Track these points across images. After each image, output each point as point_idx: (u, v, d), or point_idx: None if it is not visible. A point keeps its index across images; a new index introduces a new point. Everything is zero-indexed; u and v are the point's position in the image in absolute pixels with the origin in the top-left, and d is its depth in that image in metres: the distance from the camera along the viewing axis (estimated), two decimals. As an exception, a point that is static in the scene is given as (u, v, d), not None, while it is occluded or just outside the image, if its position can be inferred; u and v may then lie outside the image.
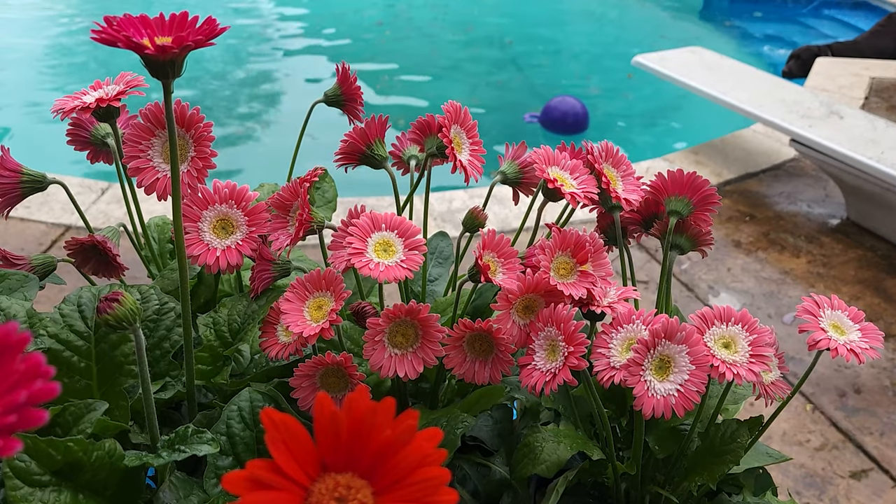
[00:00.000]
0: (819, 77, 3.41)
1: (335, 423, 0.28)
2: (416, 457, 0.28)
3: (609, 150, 0.62)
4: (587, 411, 0.61)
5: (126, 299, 0.45)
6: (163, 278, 0.65)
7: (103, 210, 2.22)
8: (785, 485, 1.45)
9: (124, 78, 0.61)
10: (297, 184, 0.58)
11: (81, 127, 0.67)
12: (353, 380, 0.55)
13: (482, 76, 4.08)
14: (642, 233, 0.65)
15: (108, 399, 0.53)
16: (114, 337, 0.56)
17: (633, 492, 0.61)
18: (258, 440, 0.53)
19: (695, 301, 1.99)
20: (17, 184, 0.63)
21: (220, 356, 0.61)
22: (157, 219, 0.76)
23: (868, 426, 1.62)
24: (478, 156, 0.62)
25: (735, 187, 2.57)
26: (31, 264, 0.64)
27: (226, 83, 3.86)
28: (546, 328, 0.53)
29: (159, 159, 0.55)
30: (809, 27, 4.90)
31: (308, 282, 0.55)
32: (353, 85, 0.68)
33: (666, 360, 0.50)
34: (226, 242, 0.57)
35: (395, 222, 0.54)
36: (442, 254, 0.73)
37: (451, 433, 0.53)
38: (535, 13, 5.00)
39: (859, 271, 2.14)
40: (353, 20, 4.86)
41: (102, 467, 0.47)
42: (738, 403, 0.64)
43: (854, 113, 2.46)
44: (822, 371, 1.76)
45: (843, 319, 0.55)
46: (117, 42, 0.42)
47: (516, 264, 0.57)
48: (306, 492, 0.28)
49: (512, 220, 2.22)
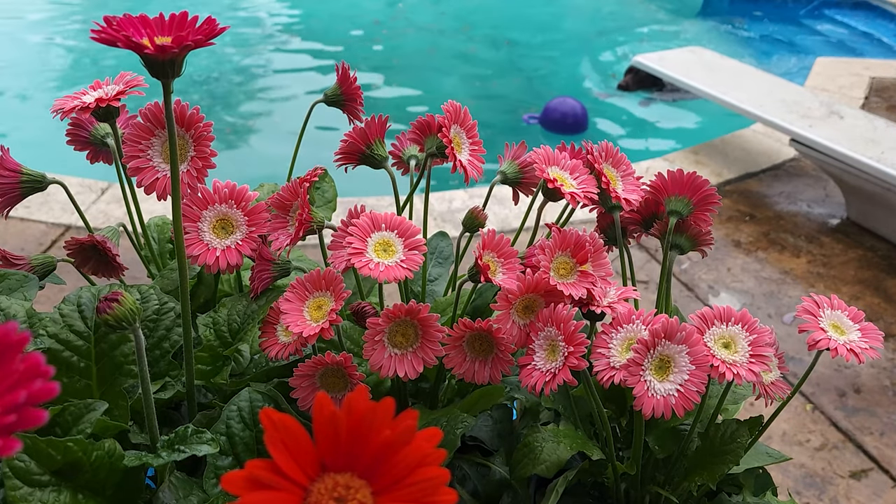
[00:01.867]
0: (819, 77, 3.41)
1: (335, 423, 0.28)
2: (416, 457, 0.28)
3: (609, 150, 0.62)
4: (587, 411, 0.61)
5: (126, 299, 0.45)
6: (162, 278, 0.65)
7: (103, 210, 2.22)
8: (785, 485, 1.45)
9: (124, 78, 0.61)
10: (296, 184, 0.58)
11: (81, 127, 0.67)
12: (353, 380, 0.55)
13: (480, 76, 4.08)
14: (642, 233, 0.65)
15: (107, 399, 0.52)
16: (113, 337, 0.56)
17: (632, 492, 0.61)
18: (258, 440, 0.53)
19: (695, 301, 1.99)
20: (16, 184, 0.63)
21: (219, 356, 0.61)
22: (156, 219, 0.76)
23: (868, 426, 1.62)
24: (477, 156, 0.62)
25: (735, 187, 2.57)
26: (30, 264, 0.64)
27: (224, 83, 3.86)
28: (546, 328, 0.53)
29: (159, 159, 0.55)
30: (809, 27, 4.90)
31: (308, 282, 0.55)
32: (353, 85, 0.68)
33: (666, 360, 0.50)
34: (225, 242, 0.57)
35: (395, 222, 0.54)
36: (442, 254, 0.73)
37: (450, 433, 0.53)
38: (533, 13, 5.00)
39: (859, 271, 2.14)
40: (350, 20, 4.86)
41: (102, 467, 0.47)
42: (738, 403, 0.64)
43: (854, 113, 2.46)
44: (822, 371, 1.76)
45: (843, 319, 0.55)
46: (117, 42, 0.42)
47: (516, 264, 0.57)
48: (305, 492, 0.28)
49: (512, 220, 2.22)
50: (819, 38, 4.70)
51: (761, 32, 4.87)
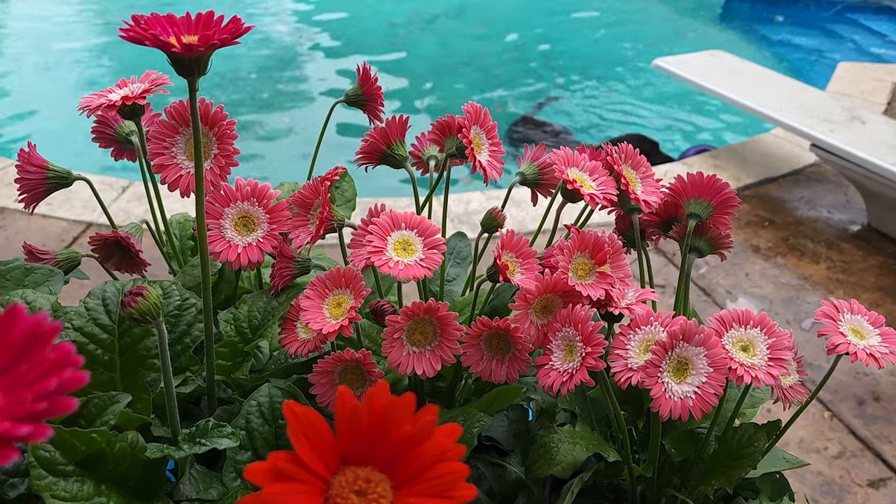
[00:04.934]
0: (841, 82, 3.37)
1: (356, 417, 0.29)
2: (436, 452, 0.28)
3: (628, 151, 0.62)
4: (603, 413, 0.61)
5: (150, 293, 0.46)
6: (184, 274, 0.66)
7: (123, 208, 2.24)
8: (802, 492, 1.44)
9: (149, 76, 0.62)
10: (317, 182, 0.59)
11: (106, 124, 0.68)
12: (372, 377, 0.55)
13: (498, 76, 4.08)
14: (661, 235, 0.65)
15: (130, 392, 0.53)
16: (137, 331, 0.57)
17: (648, 494, 0.61)
18: (277, 435, 0.54)
19: (712, 306, 1.98)
20: (42, 180, 0.64)
21: (240, 352, 0.62)
22: (178, 216, 0.77)
23: (887, 434, 1.60)
24: (497, 157, 0.63)
25: (754, 192, 2.55)
26: (56, 259, 0.65)
27: (248, 82, 3.89)
28: (564, 328, 0.53)
29: (183, 156, 0.55)
30: (831, 31, 4.85)
31: (328, 279, 0.56)
32: (374, 85, 0.68)
33: (684, 363, 0.50)
34: (247, 240, 0.58)
35: (415, 221, 0.55)
36: (460, 254, 0.73)
37: (467, 432, 0.54)
38: (553, 18, 5.00)
39: (879, 278, 2.12)
40: (373, 21, 4.88)
41: (124, 459, 0.48)
42: (756, 407, 0.64)
43: (876, 118, 2.44)
44: (841, 378, 1.74)
45: (863, 324, 0.54)
46: (144, 40, 0.43)
47: (534, 264, 0.57)
48: (326, 484, 0.28)
49: (529, 223, 2.21)
50: (841, 42, 4.65)
51: (782, 36, 4.83)
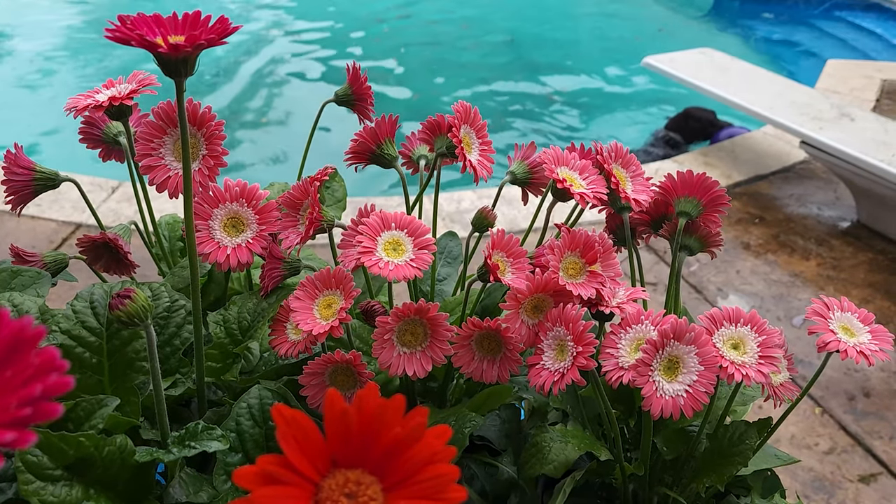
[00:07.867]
0: (830, 79, 3.39)
1: (346, 419, 0.28)
2: (426, 454, 0.28)
3: (618, 150, 0.62)
4: (595, 412, 0.61)
5: (138, 296, 0.46)
6: (173, 276, 0.66)
7: (113, 209, 2.23)
8: (794, 488, 1.45)
9: (137, 77, 0.61)
10: (307, 182, 0.59)
11: (94, 125, 0.67)
12: (362, 378, 0.55)
13: (486, 75, 4.08)
14: (651, 234, 0.65)
15: (119, 395, 0.53)
16: (125, 333, 0.57)
17: (641, 493, 0.61)
18: (267, 437, 0.53)
19: (703, 303, 1.99)
20: (30, 181, 0.64)
21: (229, 354, 0.61)
22: (167, 217, 0.76)
23: (877, 430, 1.61)
24: (487, 156, 0.62)
25: (745, 189, 2.56)
26: (43, 261, 0.65)
27: (236, 83, 3.87)
28: (555, 328, 0.53)
29: (171, 157, 0.55)
30: (820, 29, 4.88)
31: (318, 280, 0.56)
32: (364, 84, 0.68)
33: (675, 361, 0.50)
34: (236, 240, 0.57)
35: (405, 221, 0.54)
36: (451, 254, 0.73)
37: (459, 432, 0.53)
38: (542, 14, 5.00)
39: (869, 274, 2.13)
40: (363, 20, 4.87)
41: (113, 462, 0.48)
42: (747, 405, 0.64)
43: (865, 115, 2.45)
44: (832, 374, 1.75)
45: (853, 321, 0.55)
46: (131, 41, 0.42)
47: (525, 264, 0.57)
48: (316, 487, 0.28)
49: (520, 221, 2.22)
50: (830, 39, 4.68)
51: (772, 34, 4.85)
